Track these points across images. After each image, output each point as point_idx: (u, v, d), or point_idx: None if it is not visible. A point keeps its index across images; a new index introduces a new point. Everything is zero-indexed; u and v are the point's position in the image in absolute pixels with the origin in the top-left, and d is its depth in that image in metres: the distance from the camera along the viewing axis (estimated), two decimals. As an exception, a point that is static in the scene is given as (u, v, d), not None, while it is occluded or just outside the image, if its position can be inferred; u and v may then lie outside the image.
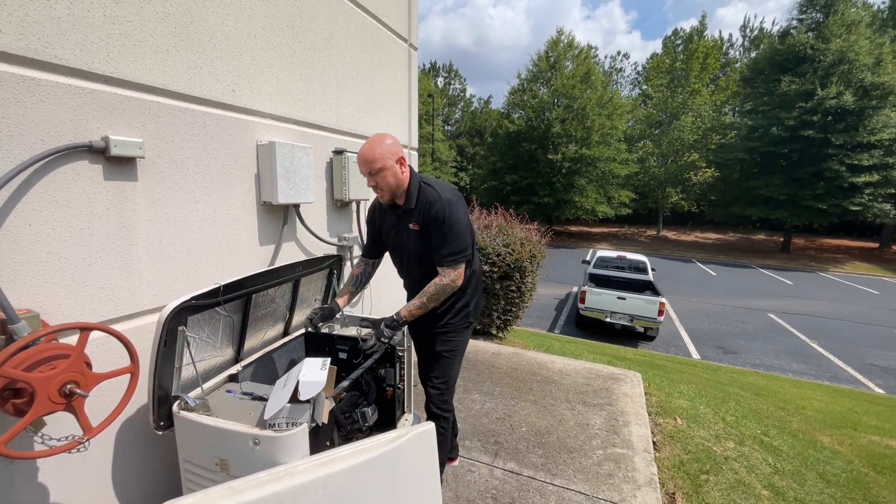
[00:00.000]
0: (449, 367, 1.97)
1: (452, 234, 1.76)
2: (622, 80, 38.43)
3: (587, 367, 3.87)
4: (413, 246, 1.86)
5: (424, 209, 1.78)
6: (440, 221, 1.75)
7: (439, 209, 1.75)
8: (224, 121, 1.92)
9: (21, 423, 1.12)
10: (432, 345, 1.96)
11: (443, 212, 1.74)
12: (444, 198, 1.76)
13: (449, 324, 1.94)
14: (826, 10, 20.74)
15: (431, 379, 1.98)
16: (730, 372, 6.71)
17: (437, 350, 1.95)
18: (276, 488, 1.12)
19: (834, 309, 12.17)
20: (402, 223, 1.87)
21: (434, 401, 1.98)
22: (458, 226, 1.77)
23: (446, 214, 1.74)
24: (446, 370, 1.97)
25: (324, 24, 2.48)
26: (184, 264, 1.80)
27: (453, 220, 1.75)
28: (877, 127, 19.08)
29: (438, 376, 1.97)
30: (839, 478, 2.95)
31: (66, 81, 1.35)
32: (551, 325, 9.42)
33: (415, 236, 1.84)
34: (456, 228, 1.76)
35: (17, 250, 1.27)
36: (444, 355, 1.95)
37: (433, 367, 1.98)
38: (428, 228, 1.79)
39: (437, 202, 1.76)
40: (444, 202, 1.75)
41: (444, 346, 1.95)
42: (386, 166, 1.73)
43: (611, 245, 24.66)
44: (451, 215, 1.75)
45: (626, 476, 2.36)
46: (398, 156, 1.76)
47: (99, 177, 1.46)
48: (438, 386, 1.97)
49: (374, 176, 1.75)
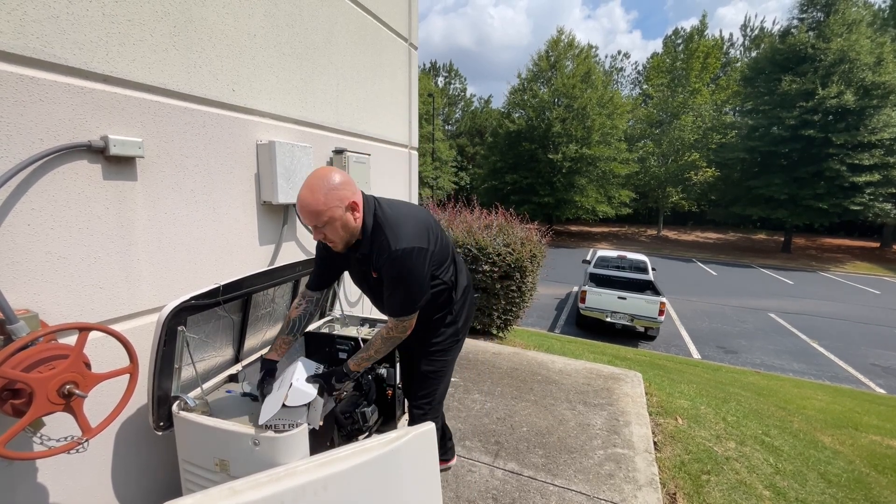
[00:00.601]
0: (435, 387, 1.84)
1: (402, 288, 1.54)
2: (623, 80, 38.46)
3: (588, 367, 3.86)
4: (374, 286, 1.67)
5: (376, 256, 1.53)
6: (390, 277, 1.53)
7: (388, 265, 1.50)
8: (224, 120, 1.91)
9: (20, 423, 1.11)
10: (418, 364, 1.82)
11: (392, 268, 1.50)
12: (395, 249, 1.48)
13: (435, 343, 1.80)
14: (827, 10, 20.73)
15: (417, 398, 1.85)
16: (730, 372, 6.70)
17: (423, 370, 1.81)
18: (275, 489, 1.11)
19: (835, 309, 12.16)
20: (363, 266, 1.62)
21: (417, 422, 1.77)
22: (410, 280, 1.53)
23: (396, 272, 1.51)
24: (432, 390, 1.84)
25: (324, 24, 2.48)
26: (183, 264, 1.79)
27: (403, 276, 1.52)
28: (877, 126, 19.06)
29: (423, 396, 1.84)
30: (840, 478, 2.94)
31: (65, 80, 1.34)
32: (552, 325, 9.41)
33: (374, 280, 1.61)
34: (406, 283, 1.53)
35: (16, 250, 1.27)
36: (429, 376, 1.82)
37: (419, 386, 1.84)
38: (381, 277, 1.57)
39: (388, 254, 1.49)
40: (396, 255, 1.48)
41: (430, 366, 1.81)
42: (334, 216, 1.44)
43: (611, 245, 24.65)
44: (402, 271, 1.51)
45: (627, 476, 2.35)
46: (349, 200, 1.46)
47: (98, 176, 1.45)
48: (422, 406, 1.83)
49: (320, 230, 1.48)
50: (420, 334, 1.75)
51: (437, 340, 1.80)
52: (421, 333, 1.75)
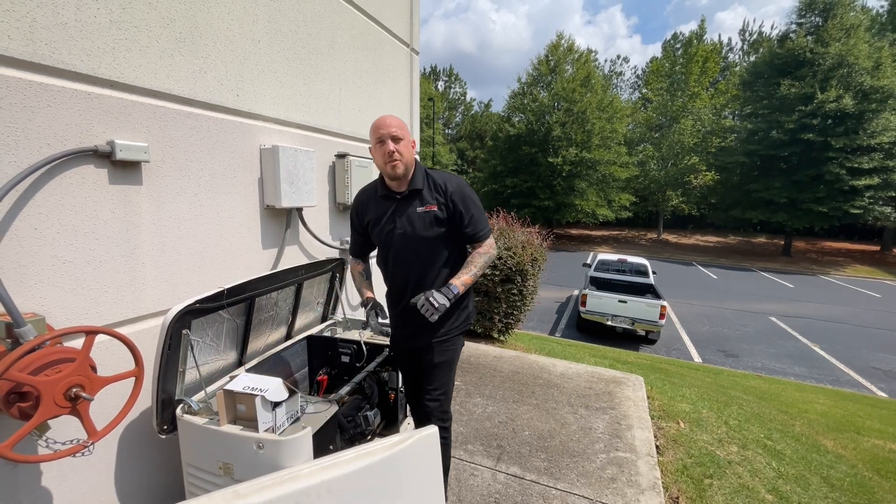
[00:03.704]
0: (447, 376, 1.87)
1: (477, 207, 1.78)
2: (622, 84, 38.62)
3: (589, 371, 3.86)
4: (421, 229, 1.72)
5: (440, 188, 1.74)
6: (465, 197, 1.74)
7: (460, 190, 1.74)
8: (228, 125, 1.93)
9: (26, 426, 1.12)
10: (428, 357, 1.83)
11: (465, 191, 1.75)
12: (460, 178, 1.79)
13: (450, 331, 1.83)
14: (825, 14, 20.83)
15: (429, 392, 1.85)
16: (732, 375, 6.69)
17: (434, 362, 1.82)
18: (279, 492, 1.12)
19: (835, 312, 12.14)
20: (405, 207, 1.75)
21: (435, 413, 1.84)
22: (477, 200, 1.80)
23: (468, 193, 1.76)
24: (445, 380, 1.86)
25: (327, 29, 2.50)
26: (188, 267, 1.80)
27: (473, 197, 1.78)
28: (877, 130, 19.12)
29: (437, 388, 1.85)
30: (843, 482, 2.94)
31: (73, 86, 1.36)
32: (552, 329, 9.40)
33: (426, 218, 1.72)
34: (478, 203, 1.79)
35: (23, 254, 1.28)
36: (442, 366, 1.84)
37: (430, 379, 1.85)
38: (447, 206, 1.72)
39: (455, 179, 1.77)
40: (463, 181, 1.78)
41: (441, 356, 1.83)
42: (406, 136, 1.71)
43: (611, 248, 24.64)
44: (472, 193, 1.77)
45: (629, 480, 2.35)
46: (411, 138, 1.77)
47: (104, 181, 1.47)
48: (438, 398, 1.85)
49: (396, 142, 1.66)
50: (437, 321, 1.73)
51: (452, 325, 1.84)
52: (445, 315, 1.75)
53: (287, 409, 1.44)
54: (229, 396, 1.40)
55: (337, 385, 2.04)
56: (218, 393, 1.41)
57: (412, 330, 1.83)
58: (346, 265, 2.51)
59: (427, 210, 1.72)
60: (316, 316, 2.51)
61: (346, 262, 2.50)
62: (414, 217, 1.73)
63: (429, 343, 1.82)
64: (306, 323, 2.42)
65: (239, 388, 1.40)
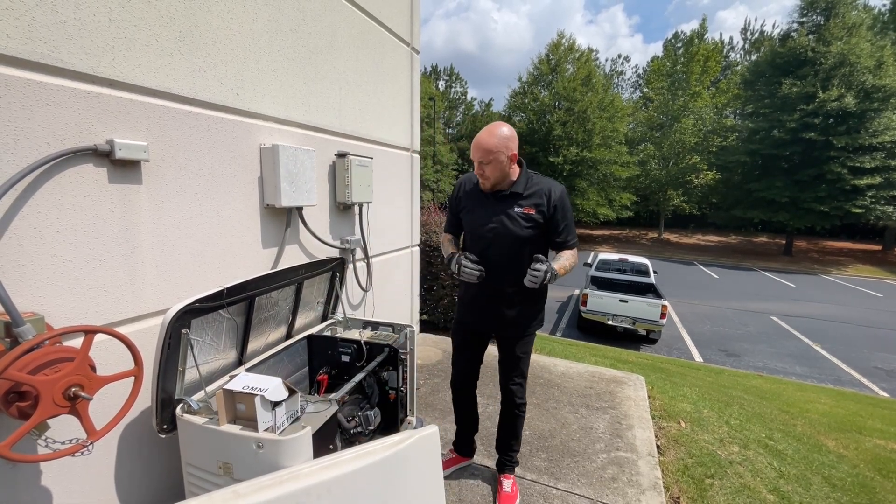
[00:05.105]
0: (526, 364, 2.16)
1: (572, 218, 1.97)
2: (623, 83, 38.57)
3: (590, 371, 3.85)
4: (516, 229, 1.90)
5: (545, 193, 1.89)
6: (565, 207, 1.91)
7: (563, 195, 1.91)
8: (227, 124, 1.92)
9: (26, 426, 1.11)
10: (512, 349, 2.09)
11: (566, 198, 1.92)
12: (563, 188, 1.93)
13: (531, 326, 2.09)
14: (827, 13, 20.79)
15: (513, 379, 2.14)
16: (733, 375, 6.68)
17: (517, 354, 2.10)
18: (279, 492, 1.11)
19: (837, 312, 12.12)
20: (502, 207, 1.93)
21: (517, 395, 2.15)
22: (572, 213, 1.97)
23: (568, 204, 1.93)
24: (524, 369, 2.15)
25: (327, 28, 2.49)
26: (187, 267, 1.80)
27: (570, 207, 1.96)
28: (878, 129, 19.08)
29: (519, 375, 2.14)
30: (845, 482, 2.93)
31: (72, 85, 1.35)
32: (553, 328, 9.40)
33: (522, 219, 1.89)
34: (572, 215, 1.98)
35: (22, 253, 1.27)
36: (523, 357, 2.12)
37: (514, 367, 2.13)
38: (547, 212, 1.88)
39: (559, 188, 1.91)
40: (565, 192, 1.92)
41: (523, 349, 2.10)
42: (498, 159, 1.83)
43: (612, 247, 24.62)
44: (569, 203, 1.94)
45: (630, 480, 2.34)
46: (511, 151, 1.84)
47: (104, 180, 1.46)
48: (520, 382, 2.15)
49: (483, 165, 1.85)
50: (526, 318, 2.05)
51: (534, 324, 2.09)
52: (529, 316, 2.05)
53: (287, 409, 1.43)
54: (229, 396, 1.40)
55: (337, 384, 2.04)
56: (217, 392, 1.41)
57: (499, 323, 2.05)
58: (346, 264, 2.50)
59: (526, 212, 1.90)
60: (316, 315, 2.51)
61: (346, 261, 2.50)
62: (511, 216, 1.91)
63: (515, 336, 2.08)
64: (306, 322, 2.42)
65: (239, 387, 1.39)
